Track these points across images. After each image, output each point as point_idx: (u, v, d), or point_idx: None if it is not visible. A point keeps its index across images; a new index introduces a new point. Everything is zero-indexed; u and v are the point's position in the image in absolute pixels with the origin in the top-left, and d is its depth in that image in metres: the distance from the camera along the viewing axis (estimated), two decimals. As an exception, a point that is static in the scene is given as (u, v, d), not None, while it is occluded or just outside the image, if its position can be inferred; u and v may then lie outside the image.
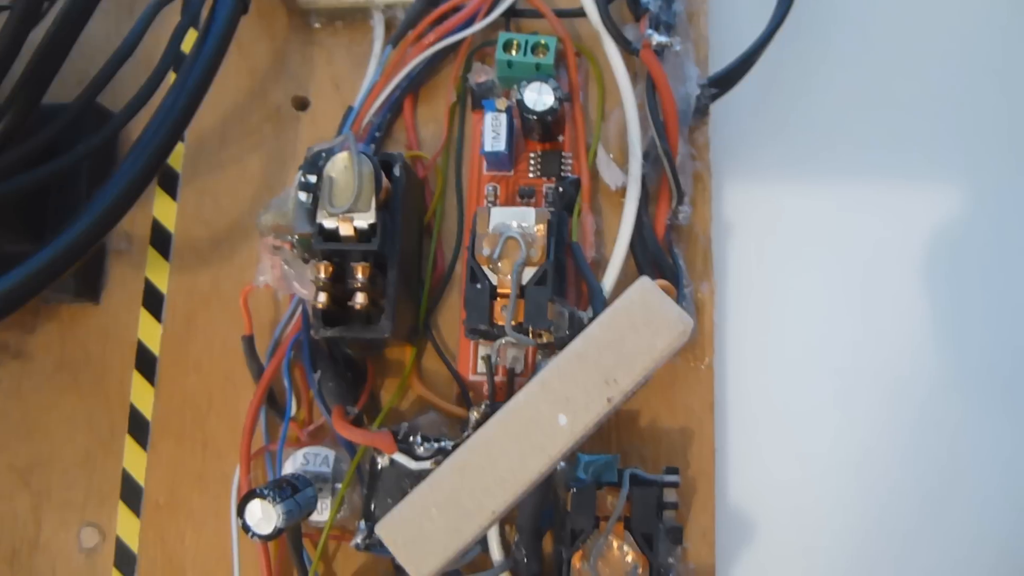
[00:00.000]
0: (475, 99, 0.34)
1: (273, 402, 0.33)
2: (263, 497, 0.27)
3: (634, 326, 0.24)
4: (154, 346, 0.35)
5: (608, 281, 0.30)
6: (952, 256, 0.34)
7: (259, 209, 0.33)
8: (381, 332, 0.28)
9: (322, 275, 0.28)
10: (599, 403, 0.23)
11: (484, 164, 0.33)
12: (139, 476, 0.34)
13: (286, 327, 0.33)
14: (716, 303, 0.32)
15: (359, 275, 0.28)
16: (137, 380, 0.34)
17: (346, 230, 0.28)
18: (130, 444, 0.34)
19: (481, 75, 0.33)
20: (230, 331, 0.34)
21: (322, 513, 0.31)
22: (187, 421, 0.34)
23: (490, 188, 0.33)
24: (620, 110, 0.32)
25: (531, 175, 0.33)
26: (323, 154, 0.29)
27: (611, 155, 0.33)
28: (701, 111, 0.33)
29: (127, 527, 0.34)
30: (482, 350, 0.32)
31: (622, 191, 0.32)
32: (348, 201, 0.28)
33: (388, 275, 0.29)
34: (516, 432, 0.23)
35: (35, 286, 0.26)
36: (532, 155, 0.33)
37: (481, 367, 0.32)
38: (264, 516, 0.27)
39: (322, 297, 0.28)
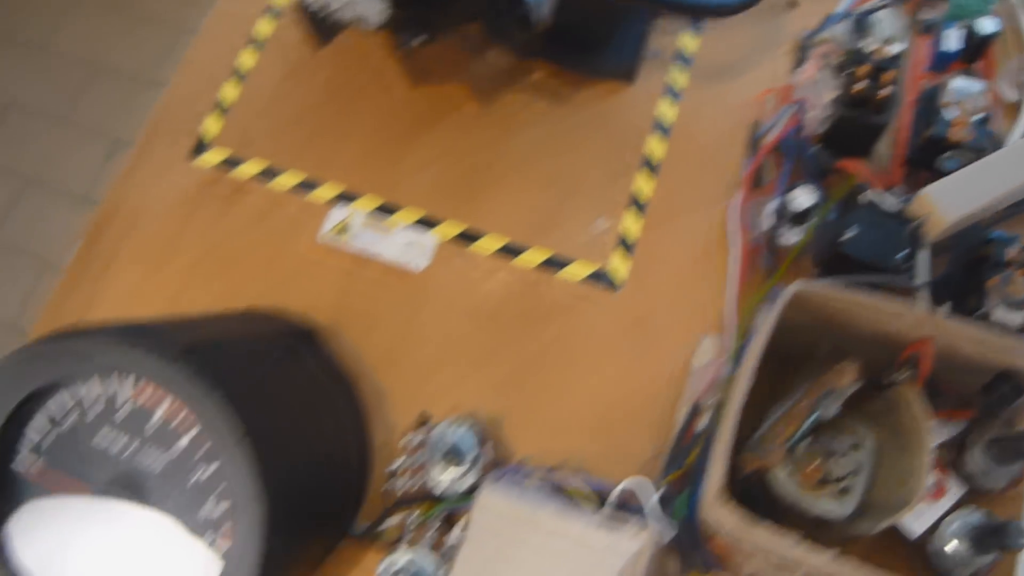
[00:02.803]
0: (922, 27, 0.51)
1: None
2: (805, 185, 0.42)
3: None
4: (666, 119, 0.50)
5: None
6: None
7: (751, 62, 0.50)
8: (883, 120, 0.44)
9: (863, 71, 0.44)
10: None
11: (927, 64, 0.50)
12: (643, 197, 0.48)
13: (768, 131, 0.48)
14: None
15: (888, 78, 0.44)
16: (652, 138, 0.50)
17: (880, 54, 0.45)
18: (639, 175, 0.49)
19: (930, 12, 0.51)
20: (729, 128, 0.49)
21: (790, 240, 0.45)
22: (687, 170, 0.49)
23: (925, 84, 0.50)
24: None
25: (951, 82, 0.50)
26: (867, 16, 0.46)
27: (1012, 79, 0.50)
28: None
29: (630, 225, 0.48)
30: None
31: (1015, 104, 0.49)
32: (889, 33, 0.45)
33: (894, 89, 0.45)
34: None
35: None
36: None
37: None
38: (803, 197, 0.42)
39: (860, 84, 0.44)
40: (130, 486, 0.38)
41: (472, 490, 0.42)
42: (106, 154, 1.49)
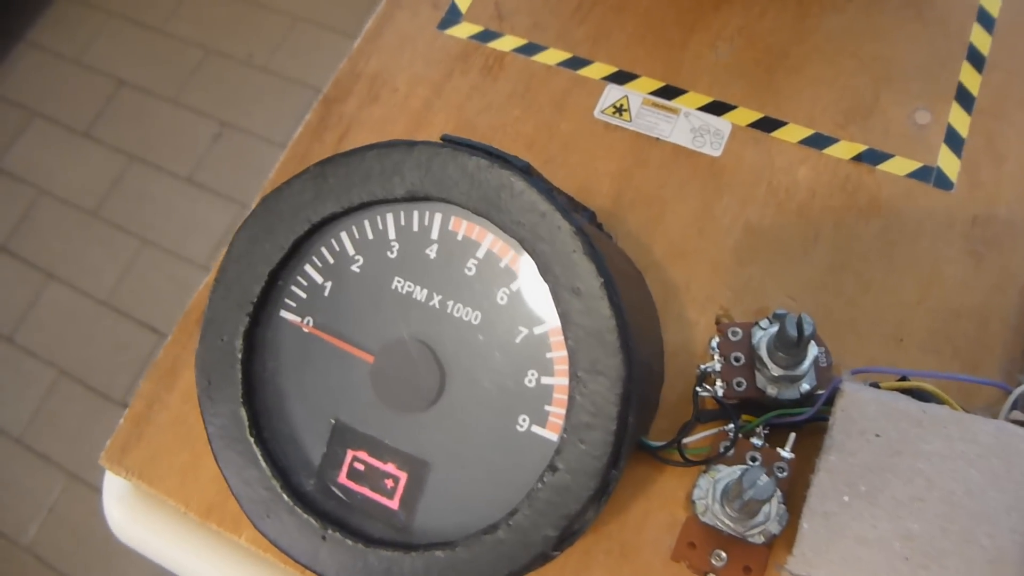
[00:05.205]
0: None
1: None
2: None
3: None
4: (991, 9, 0.44)
5: None
6: None
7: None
8: None
9: None
10: None
11: None
12: (969, 91, 0.42)
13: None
14: None
15: None
16: (975, 29, 0.44)
17: None
18: (963, 68, 0.43)
19: None
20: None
21: None
22: (1018, 65, 0.42)
23: None
24: None
25: None
26: None
27: None
28: None
29: (958, 119, 0.41)
30: None
31: None
32: None
33: None
34: None
35: None
36: None
37: None
38: None
39: None
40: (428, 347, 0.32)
41: (807, 397, 0.35)
42: (213, 136, 1.45)
